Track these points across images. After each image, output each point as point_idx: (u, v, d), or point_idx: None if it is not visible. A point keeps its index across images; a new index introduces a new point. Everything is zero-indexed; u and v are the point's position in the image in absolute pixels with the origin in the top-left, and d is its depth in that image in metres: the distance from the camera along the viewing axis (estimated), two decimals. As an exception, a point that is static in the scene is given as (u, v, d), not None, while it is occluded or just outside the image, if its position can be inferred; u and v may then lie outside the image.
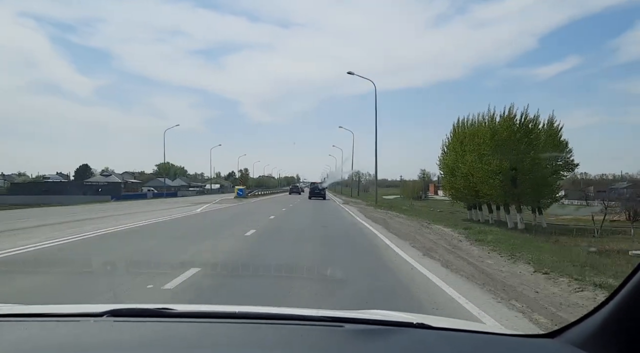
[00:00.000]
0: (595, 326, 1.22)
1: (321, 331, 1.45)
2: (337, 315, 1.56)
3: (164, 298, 5.35)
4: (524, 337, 1.49)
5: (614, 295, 1.19)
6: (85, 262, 8.16)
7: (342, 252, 10.63)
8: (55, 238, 11.98)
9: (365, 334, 1.40)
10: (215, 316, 1.59)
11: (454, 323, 1.72)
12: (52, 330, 1.48)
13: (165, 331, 1.47)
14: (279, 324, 1.50)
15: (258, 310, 1.66)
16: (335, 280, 6.86)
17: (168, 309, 1.59)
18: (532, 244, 11.97)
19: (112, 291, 5.63)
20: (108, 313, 1.55)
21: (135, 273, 6.91)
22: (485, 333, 1.53)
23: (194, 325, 1.49)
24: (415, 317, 1.67)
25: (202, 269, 7.20)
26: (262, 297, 5.63)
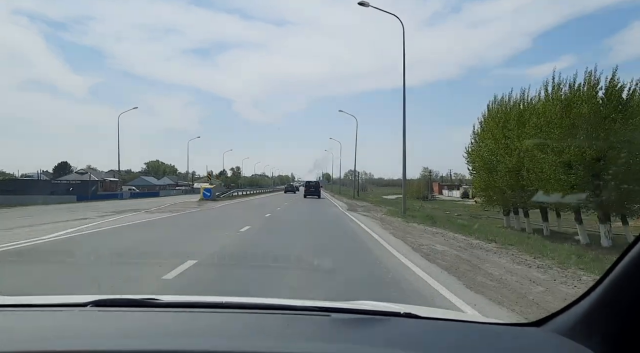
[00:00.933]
0: (580, 315, 1.22)
1: (308, 320, 1.44)
2: (324, 305, 1.56)
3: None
4: (509, 326, 1.50)
5: (598, 284, 1.18)
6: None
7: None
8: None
9: (352, 323, 1.39)
10: (202, 306, 1.57)
11: (441, 313, 1.72)
12: (35, 320, 1.46)
13: (149, 320, 1.45)
14: (265, 313, 1.49)
15: (244, 301, 1.66)
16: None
17: (153, 299, 1.57)
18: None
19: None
20: (92, 303, 1.54)
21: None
22: (472, 322, 1.54)
23: (180, 315, 1.48)
24: (403, 307, 1.65)
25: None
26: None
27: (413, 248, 10.61)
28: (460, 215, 30.22)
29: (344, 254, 9.65)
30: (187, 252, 8.63)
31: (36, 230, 13.66)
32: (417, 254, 9.62)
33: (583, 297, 1.25)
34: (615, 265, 1.14)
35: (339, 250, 10.46)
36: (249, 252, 9.48)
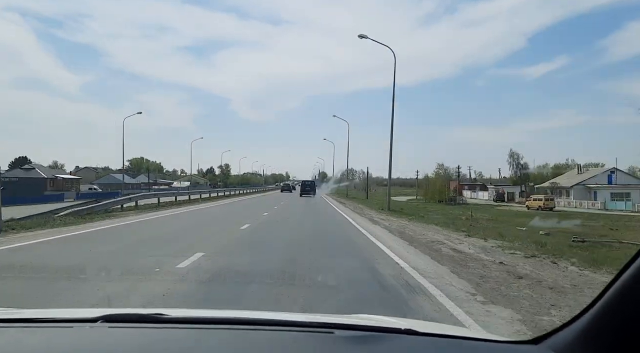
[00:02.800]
0: (577, 333, 1.23)
1: (312, 337, 1.48)
2: (328, 320, 1.59)
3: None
4: (508, 343, 1.52)
5: (597, 300, 1.18)
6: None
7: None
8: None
9: (355, 341, 1.42)
10: (208, 321, 1.61)
11: (440, 329, 1.76)
12: (46, 336, 1.47)
13: (159, 337, 1.48)
14: (271, 330, 1.53)
15: (250, 316, 1.68)
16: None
17: (162, 315, 1.58)
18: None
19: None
20: (102, 318, 1.53)
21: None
22: (471, 339, 1.56)
23: (187, 332, 1.52)
24: (403, 322, 1.72)
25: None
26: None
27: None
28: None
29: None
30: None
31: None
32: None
33: (581, 314, 1.24)
34: (612, 283, 1.14)
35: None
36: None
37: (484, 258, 7.89)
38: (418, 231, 12.52)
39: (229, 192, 58.21)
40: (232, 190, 62.87)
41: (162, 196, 29.38)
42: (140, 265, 6.81)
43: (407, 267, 7.01)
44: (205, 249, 8.32)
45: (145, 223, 14.41)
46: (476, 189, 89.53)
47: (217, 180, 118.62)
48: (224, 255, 8.00)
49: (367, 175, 79.31)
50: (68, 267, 6.64)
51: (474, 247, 9.20)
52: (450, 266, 7.12)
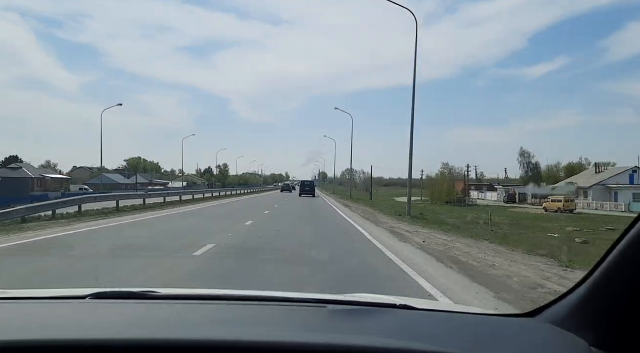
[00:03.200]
0: (573, 304, 1.22)
1: (304, 311, 1.45)
2: (321, 297, 1.56)
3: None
4: (503, 316, 1.50)
5: (592, 273, 1.18)
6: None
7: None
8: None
9: (349, 314, 1.39)
10: (200, 298, 1.58)
11: (435, 305, 1.90)
12: (34, 311, 1.46)
13: (147, 311, 1.45)
14: (262, 305, 1.50)
15: (242, 293, 1.66)
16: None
17: (151, 292, 1.57)
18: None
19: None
20: (91, 295, 1.53)
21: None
22: (466, 313, 1.54)
23: (177, 306, 1.49)
24: (400, 299, 1.64)
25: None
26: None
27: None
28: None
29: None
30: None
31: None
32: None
33: (576, 287, 1.24)
34: (606, 255, 1.13)
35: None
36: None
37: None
38: (475, 255, 8.27)
39: (225, 193, 54.56)
40: (229, 191, 59.47)
41: (125, 198, 23.18)
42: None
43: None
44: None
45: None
46: (483, 189, 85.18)
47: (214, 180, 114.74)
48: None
49: (370, 174, 74.89)
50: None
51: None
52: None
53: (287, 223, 14.76)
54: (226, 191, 57.62)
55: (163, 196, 29.68)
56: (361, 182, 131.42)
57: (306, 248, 8.90)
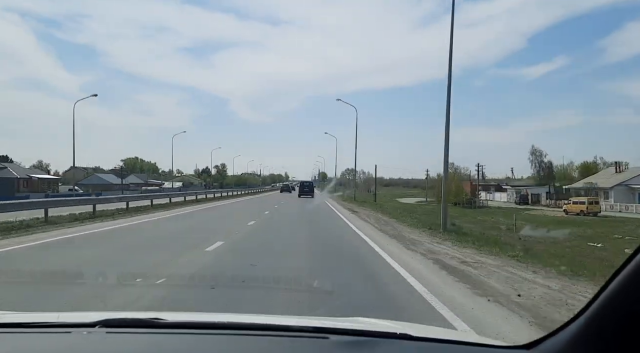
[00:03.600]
0: (569, 338, 1.20)
1: (307, 343, 1.46)
2: (322, 325, 1.59)
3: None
4: (501, 348, 1.48)
5: (587, 307, 1.17)
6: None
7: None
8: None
9: (350, 346, 1.40)
10: (205, 326, 1.58)
11: (435, 333, 1.71)
12: (43, 342, 1.44)
13: (155, 342, 1.46)
14: (266, 336, 1.51)
15: (246, 320, 1.69)
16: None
17: (159, 319, 1.57)
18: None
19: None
20: (100, 323, 1.51)
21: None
22: (464, 343, 1.53)
23: (183, 337, 1.50)
24: (399, 325, 1.68)
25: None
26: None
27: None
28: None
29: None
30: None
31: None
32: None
33: (573, 320, 1.23)
34: (604, 288, 1.12)
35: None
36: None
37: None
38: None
39: (220, 194, 51.19)
40: (225, 192, 56.01)
41: (104, 202, 21.07)
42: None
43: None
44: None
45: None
46: (491, 190, 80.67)
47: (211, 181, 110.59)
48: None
49: (374, 174, 70.35)
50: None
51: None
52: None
53: (272, 249, 10.07)
54: (221, 192, 53.92)
55: (150, 199, 26.87)
56: (361, 182, 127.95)
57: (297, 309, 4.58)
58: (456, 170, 79.42)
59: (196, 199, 38.66)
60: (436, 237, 11.75)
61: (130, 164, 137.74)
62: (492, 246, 9.90)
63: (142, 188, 75.00)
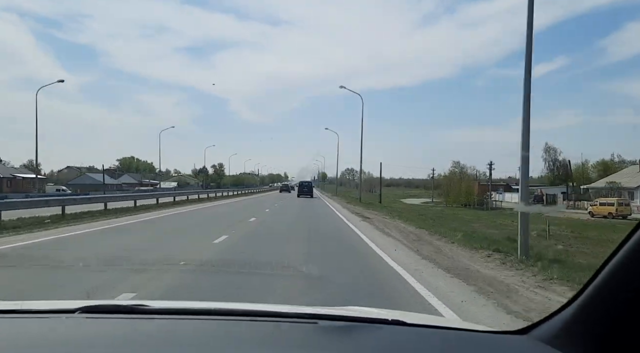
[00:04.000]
0: (564, 323, 1.20)
1: (295, 327, 1.41)
2: (312, 311, 1.51)
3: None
4: (495, 333, 1.47)
5: (583, 290, 1.16)
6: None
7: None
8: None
9: (339, 331, 1.36)
10: (189, 313, 1.52)
11: (427, 320, 1.67)
12: (21, 327, 1.41)
13: (137, 328, 1.40)
14: (253, 321, 1.44)
15: (232, 307, 1.58)
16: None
17: (141, 306, 1.50)
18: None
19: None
20: (80, 309, 1.46)
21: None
22: (457, 329, 1.49)
23: (167, 322, 1.45)
24: (391, 313, 1.64)
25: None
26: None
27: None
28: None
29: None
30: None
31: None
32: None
33: (567, 304, 1.22)
34: (598, 272, 1.11)
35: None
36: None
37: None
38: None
39: (215, 194, 47.47)
40: (219, 192, 52.39)
41: (79, 203, 19.55)
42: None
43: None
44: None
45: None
46: (500, 190, 75.94)
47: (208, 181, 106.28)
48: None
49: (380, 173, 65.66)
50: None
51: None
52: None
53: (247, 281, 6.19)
54: (216, 193, 50.12)
55: (134, 199, 24.89)
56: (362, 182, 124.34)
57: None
58: (462, 169, 74.99)
59: (187, 199, 35.17)
60: (524, 271, 6.97)
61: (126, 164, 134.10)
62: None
63: (135, 189, 72.24)
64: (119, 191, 63.49)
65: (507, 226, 29.57)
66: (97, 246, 10.07)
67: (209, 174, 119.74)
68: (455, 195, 60.48)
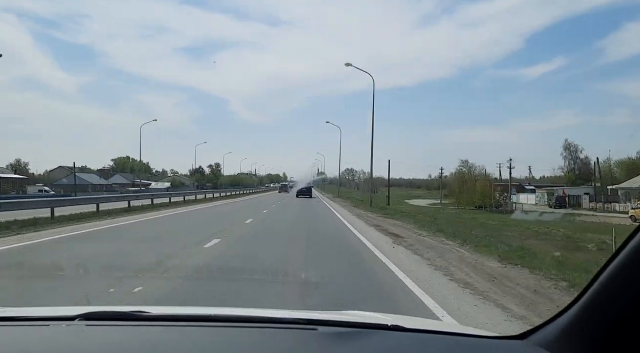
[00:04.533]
0: (564, 327, 1.19)
1: (295, 334, 1.41)
2: (311, 317, 1.53)
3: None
4: (493, 339, 1.47)
5: (582, 295, 1.15)
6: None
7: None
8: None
9: (339, 337, 1.36)
10: (190, 319, 1.51)
11: (427, 325, 1.69)
12: (21, 335, 1.39)
13: (138, 335, 1.40)
14: (253, 328, 1.45)
15: (233, 313, 1.62)
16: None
17: (142, 312, 1.49)
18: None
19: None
20: (80, 316, 1.45)
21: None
22: (457, 334, 1.49)
23: (168, 329, 1.44)
24: (390, 318, 1.63)
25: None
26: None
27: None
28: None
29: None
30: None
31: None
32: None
33: (566, 309, 1.20)
34: (596, 277, 1.10)
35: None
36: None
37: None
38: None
39: (205, 195, 44.09)
40: (211, 193, 48.69)
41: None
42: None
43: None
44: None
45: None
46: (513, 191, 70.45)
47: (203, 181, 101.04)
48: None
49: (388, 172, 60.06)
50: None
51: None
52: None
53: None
54: (205, 193, 45.52)
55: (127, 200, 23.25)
56: (361, 182, 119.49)
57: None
58: (471, 168, 69.63)
59: (169, 202, 30.78)
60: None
61: (121, 164, 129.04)
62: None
63: (127, 189, 68.21)
64: (107, 192, 58.71)
65: (547, 235, 24.02)
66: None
67: (204, 173, 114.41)
68: (469, 196, 54.95)
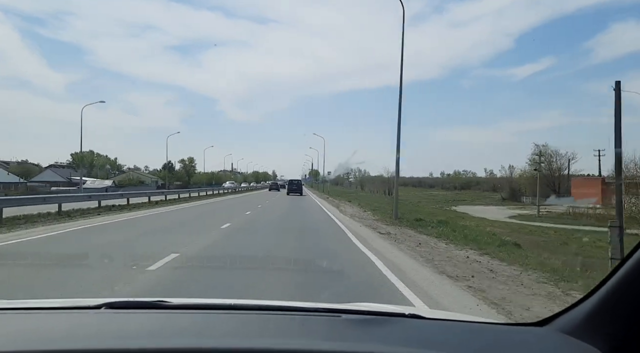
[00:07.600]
0: (584, 314, 1.16)
1: (320, 320, 1.40)
2: (334, 306, 1.52)
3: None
4: (514, 326, 1.42)
5: (603, 283, 1.12)
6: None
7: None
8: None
9: (362, 323, 1.37)
10: (212, 308, 1.51)
11: (444, 315, 1.67)
12: (49, 322, 1.39)
13: (162, 321, 1.38)
14: (278, 315, 1.44)
15: (255, 303, 1.57)
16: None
17: (164, 302, 1.49)
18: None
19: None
20: (105, 305, 1.46)
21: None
22: (476, 322, 1.46)
23: (191, 316, 1.43)
24: (408, 308, 1.66)
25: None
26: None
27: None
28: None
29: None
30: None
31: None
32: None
33: (587, 297, 1.17)
34: (619, 266, 1.08)
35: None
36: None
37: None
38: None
39: (165, 197, 31.58)
40: (173, 193, 36.44)
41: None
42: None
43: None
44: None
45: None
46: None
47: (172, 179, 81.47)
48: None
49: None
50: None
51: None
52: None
53: None
54: (166, 195, 32.69)
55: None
56: (356, 181, 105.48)
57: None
58: (550, 159, 54.87)
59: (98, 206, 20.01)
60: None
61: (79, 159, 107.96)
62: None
63: (52, 189, 52.29)
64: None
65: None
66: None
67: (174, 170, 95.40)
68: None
